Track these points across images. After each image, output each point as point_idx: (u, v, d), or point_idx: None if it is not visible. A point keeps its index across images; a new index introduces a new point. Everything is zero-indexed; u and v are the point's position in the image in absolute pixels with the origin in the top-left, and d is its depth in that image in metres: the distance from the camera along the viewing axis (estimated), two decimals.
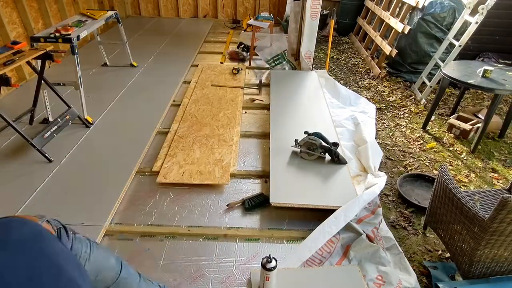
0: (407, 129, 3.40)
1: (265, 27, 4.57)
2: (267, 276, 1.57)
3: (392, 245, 1.98)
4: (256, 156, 2.74)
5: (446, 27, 4.07)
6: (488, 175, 2.76)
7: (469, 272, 1.70)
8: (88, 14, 3.67)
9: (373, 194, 2.16)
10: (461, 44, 3.57)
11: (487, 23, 3.75)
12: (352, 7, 6.22)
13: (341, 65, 5.09)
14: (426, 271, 1.90)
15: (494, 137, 3.31)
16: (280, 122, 3.04)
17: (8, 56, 2.53)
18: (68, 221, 1.98)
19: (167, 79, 3.97)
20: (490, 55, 4.32)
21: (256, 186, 2.42)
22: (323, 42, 5.99)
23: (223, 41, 5.47)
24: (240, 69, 4.19)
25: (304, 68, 4.26)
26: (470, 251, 1.65)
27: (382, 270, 1.78)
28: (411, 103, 3.93)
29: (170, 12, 6.70)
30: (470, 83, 2.82)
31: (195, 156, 2.61)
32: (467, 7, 3.62)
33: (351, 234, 1.99)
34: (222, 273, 1.78)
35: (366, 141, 2.80)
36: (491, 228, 1.52)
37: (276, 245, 1.97)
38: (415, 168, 2.81)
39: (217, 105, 3.37)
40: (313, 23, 3.97)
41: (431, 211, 1.99)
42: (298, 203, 2.13)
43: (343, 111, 3.48)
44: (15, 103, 3.20)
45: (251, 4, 6.64)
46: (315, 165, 2.50)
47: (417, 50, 4.32)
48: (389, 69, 4.76)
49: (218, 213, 2.17)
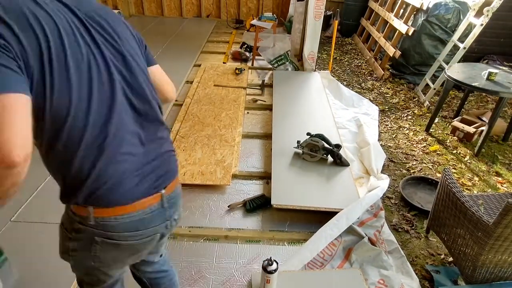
0: (410, 132, 3.38)
1: (268, 28, 4.56)
2: (268, 278, 1.55)
3: (395, 249, 1.97)
4: (258, 157, 2.73)
5: (451, 29, 4.05)
6: (492, 179, 2.73)
7: (472, 277, 1.68)
8: None
9: (376, 196, 2.14)
10: (466, 46, 3.55)
11: (492, 25, 3.72)
12: (356, 8, 6.19)
13: (344, 66, 5.07)
14: (429, 275, 1.88)
15: (498, 140, 3.28)
16: (283, 123, 3.02)
17: None
18: None
19: (170, 79, 3.96)
20: (495, 58, 4.29)
21: (257, 187, 2.41)
22: (326, 43, 5.97)
23: (226, 41, 5.47)
24: (242, 69, 4.18)
25: (307, 69, 4.25)
26: (473, 255, 1.63)
27: (384, 274, 1.77)
28: (415, 105, 3.91)
29: (173, 11, 6.70)
30: (474, 86, 2.80)
31: (196, 156, 2.60)
32: (472, 9, 3.60)
33: (353, 237, 1.97)
34: (223, 275, 1.77)
35: (368, 143, 2.79)
36: (495, 233, 1.50)
37: (277, 247, 1.96)
38: (418, 171, 2.79)
39: (219, 105, 3.36)
40: (317, 23, 3.96)
41: (434, 214, 1.97)
42: (299, 205, 2.11)
43: (346, 113, 3.46)
44: None
45: (255, 4, 6.63)
46: (317, 167, 2.49)
47: (421, 52, 4.29)
48: (393, 71, 4.73)
49: (219, 214, 2.16)
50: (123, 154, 0.87)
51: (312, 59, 4.19)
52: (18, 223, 1.98)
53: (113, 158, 0.85)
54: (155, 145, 0.96)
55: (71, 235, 0.91)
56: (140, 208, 0.90)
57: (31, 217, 2.01)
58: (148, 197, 0.92)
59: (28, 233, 1.90)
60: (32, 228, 1.94)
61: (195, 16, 6.74)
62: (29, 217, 2.01)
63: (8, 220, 1.99)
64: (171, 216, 1.02)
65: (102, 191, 0.85)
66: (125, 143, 0.88)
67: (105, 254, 0.93)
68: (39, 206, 2.08)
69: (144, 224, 0.93)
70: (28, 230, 1.93)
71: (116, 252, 0.95)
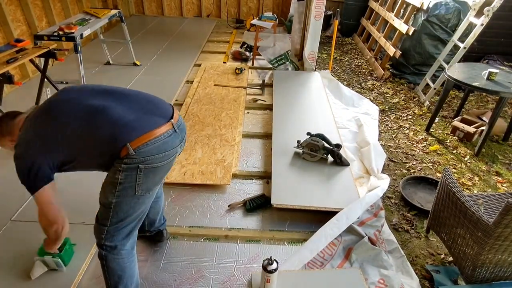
0: (411, 131, 3.38)
1: (268, 27, 4.56)
2: (268, 278, 1.55)
3: (395, 248, 1.97)
4: (258, 156, 2.73)
5: (451, 29, 4.04)
6: (492, 179, 2.73)
7: (472, 277, 1.68)
8: (91, 12, 3.67)
9: (376, 196, 2.14)
10: (466, 46, 3.55)
11: (492, 25, 3.71)
12: (356, 8, 6.19)
13: (345, 66, 5.07)
14: (429, 275, 1.88)
15: (498, 140, 3.28)
16: (283, 123, 3.02)
17: (11, 54, 2.53)
18: (68, 220, 1.97)
19: (170, 78, 3.97)
20: (495, 58, 4.28)
21: (257, 187, 2.41)
22: (326, 43, 5.97)
23: (226, 41, 5.47)
24: (243, 69, 4.18)
25: (307, 69, 4.25)
26: (473, 255, 1.63)
27: (384, 274, 1.77)
28: (415, 105, 3.91)
29: (173, 11, 6.70)
30: (474, 86, 2.80)
31: (197, 156, 2.60)
32: (473, 8, 3.59)
33: (353, 237, 1.97)
34: (223, 274, 1.77)
35: (369, 142, 2.79)
36: (495, 233, 1.50)
37: (277, 246, 1.96)
38: (418, 171, 2.79)
39: (220, 105, 3.36)
40: (317, 23, 3.96)
41: (434, 214, 1.97)
42: (299, 205, 2.12)
43: (346, 112, 3.46)
44: (18, 101, 3.20)
45: (255, 4, 6.63)
46: (317, 166, 2.49)
47: (421, 51, 4.29)
48: (393, 71, 4.73)
49: (219, 214, 2.16)
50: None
51: (312, 59, 4.19)
52: (18, 223, 1.98)
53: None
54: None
55: (119, 174, 1.21)
56: (161, 133, 1.26)
57: (31, 217, 2.01)
58: (164, 125, 1.28)
59: (28, 233, 1.90)
60: (32, 228, 1.94)
61: (195, 16, 6.74)
62: (29, 217, 2.01)
63: (8, 219, 1.99)
64: (183, 138, 1.40)
65: (131, 136, 1.21)
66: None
67: (147, 179, 1.26)
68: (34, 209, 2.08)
69: (168, 144, 1.28)
70: (28, 229, 1.93)
71: (155, 176, 1.29)
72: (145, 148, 1.21)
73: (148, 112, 1.30)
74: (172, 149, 1.31)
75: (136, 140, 1.20)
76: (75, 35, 2.92)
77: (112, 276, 1.40)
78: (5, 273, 1.68)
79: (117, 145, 1.20)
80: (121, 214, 1.30)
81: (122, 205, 1.28)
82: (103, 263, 1.39)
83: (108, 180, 1.27)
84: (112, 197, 1.26)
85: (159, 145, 1.25)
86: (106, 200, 1.27)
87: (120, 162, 1.21)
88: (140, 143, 1.20)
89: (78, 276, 1.69)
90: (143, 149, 1.21)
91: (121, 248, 1.36)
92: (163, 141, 1.26)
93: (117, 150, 1.20)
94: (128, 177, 1.23)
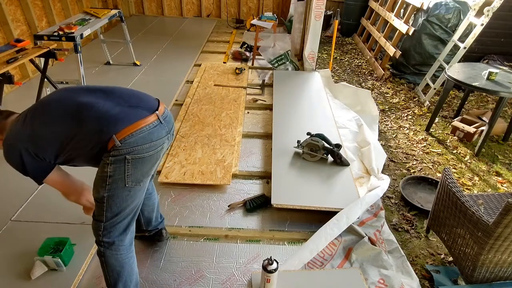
0: (411, 131, 3.38)
1: (268, 27, 4.56)
2: (268, 278, 1.55)
3: (394, 248, 1.97)
4: (258, 156, 2.73)
5: (451, 29, 4.04)
6: (492, 179, 2.73)
7: (472, 277, 1.68)
8: (91, 12, 3.67)
9: (376, 196, 2.14)
10: (466, 46, 3.55)
11: (492, 25, 3.71)
12: (356, 8, 6.19)
13: (345, 66, 5.07)
14: (429, 275, 1.88)
15: (498, 140, 3.28)
16: (283, 123, 3.02)
17: (11, 54, 2.53)
18: (68, 220, 1.96)
19: (170, 78, 3.97)
20: (495, 58, 4.28)
21: (257, 187, 2.41)
22: (326, 43, 5.97)
23: (226, 41, 5.47)
24: (243, 69, 4.18)
25: (307, 69, 4.25)
26: (473, 255, 1.63)
27: (384, 274, 1.77)
28: (415, 105, 3.91)
29: (173, 11, 6.70)
30: (474, 86, 2.80)
31: (197, 156, 2.60)
32: (473, 8, 3.60)
33: (353, 237, 1.97)
34: (223, 274, 1.77)
35: (369, 142, 2.79)
36: (495, 233, 1.50)
37: (277, 246, 1.96)
38: (418, 171, 2.79)
39: (220, 105, 3.36)
40: (317, 23, 3.95)
41: (434, 214, 1.97)
42: (299, 205, 2.11)
43: (346, 112, 3.46)
44: (18, 101, 3.20)
45: (255, 4, 6.63)
46: (317, 166, 2.49)
47: (421, 51, 4.29)
48: (393, 71, 4.73)
49: (219, 214, 2.16)
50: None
51: (312, 59, 4.19)
52: (18, 223, 1.98)
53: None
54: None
55: (107, 167, 1.25)
56: (146, 124, 1.29)
57: (31, 217, 2.01)
58: (148, 117, 1.31)
59: (28, 233, 1.90)
60: (32, 228, 1.94)
61: (195, 16, 6.73)
62: (29, 217, 2.01)
63: (8, 219, 1.99)
64: (170, 129, 1.42)
65: (116, 128, 1.24)
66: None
67: (135, 170, 1.29)
68: (39, 206, 2.08)
69: (154, 135, 1.31)
70: (28, 229, 1.93)
71: (143, 167, 1.32)
72: (131, 139, 1.25)
73: (133, 105, 1.34)
74: (159, 140, 1.34)
75: (121, 131, 1.24)
76: (75, 35, 2.92)
77: (111, 273, 1.42)
78: (5, 273, 1.68)
79: (104, 137, 1.24)
80: (115, 208, 1.33)
81: (115, 198, 1.31)
82: (102, 260, 1.41)
83: (98, 175, 1.31)
84: (104, 191, 1.29)
85: (145, 135, 1.28)
86: (99, 194, 1.31)
87: (108, 155, 1.25)
88: (126, 134, 1.24)
89: (78, 276, 1.69)
90: (128, 140, 1.24)
91: (119, 244, 1.39)
92: (148, 132, 1.29)
93: (104, 143, 1.24)
94: (117, 169, 1.26)
